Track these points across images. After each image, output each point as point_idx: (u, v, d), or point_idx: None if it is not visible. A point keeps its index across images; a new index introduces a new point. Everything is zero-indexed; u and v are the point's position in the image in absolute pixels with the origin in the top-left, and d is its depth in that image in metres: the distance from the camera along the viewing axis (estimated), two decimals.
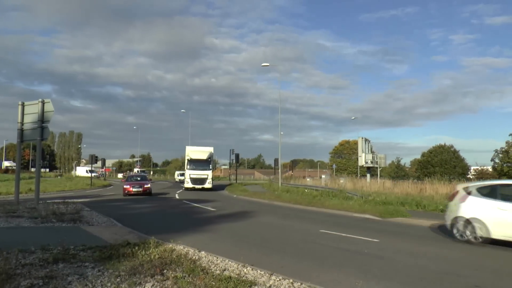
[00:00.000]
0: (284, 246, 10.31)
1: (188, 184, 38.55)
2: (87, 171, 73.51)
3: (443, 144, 74.07)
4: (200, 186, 38.07)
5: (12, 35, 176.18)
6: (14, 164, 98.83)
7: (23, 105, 17.54)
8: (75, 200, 20.01)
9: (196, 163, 38.77)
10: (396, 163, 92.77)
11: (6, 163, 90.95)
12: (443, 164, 68.57)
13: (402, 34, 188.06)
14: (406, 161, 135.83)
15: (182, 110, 73.79)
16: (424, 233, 13.66)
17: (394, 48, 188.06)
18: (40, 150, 17.86)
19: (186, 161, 39.85)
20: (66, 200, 18.81)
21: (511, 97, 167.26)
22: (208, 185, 38.40)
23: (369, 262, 8.53)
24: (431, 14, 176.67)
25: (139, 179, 33.62)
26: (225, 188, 43.40)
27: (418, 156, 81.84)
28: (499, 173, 53.48)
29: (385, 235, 12.41)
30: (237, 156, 55.78)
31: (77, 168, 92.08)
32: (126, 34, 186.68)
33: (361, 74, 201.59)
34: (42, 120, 16.77)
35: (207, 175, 38.73)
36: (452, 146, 73.10)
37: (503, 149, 54.49)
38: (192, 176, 38.57)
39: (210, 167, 39.53)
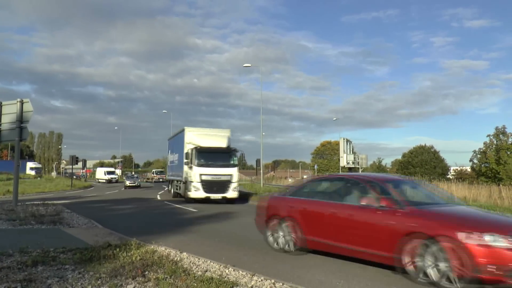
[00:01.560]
0: (266, 246, 10.33)
1: (198, 192, 23.25)
2: (105, 173, 72.71)
3: (423, 144, 75.24)
4: (219, 196, 23.48)
5: None
6: (39, 164, 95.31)
7: (0, 105, 17.24)
8: (55, 202, 19.76)
9: (211, 156, 23.98)
10: (377, 164, 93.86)
11: (31, 164, 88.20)
12: (424, 164, 69.59)
13: (383, 36, 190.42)
14: (387, 161, 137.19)
15: (163, 111, 73.12)
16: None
17: (375, 49, 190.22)
18: (19, 151, 17.58)
19: (189, 152, 23.90)
20: (46, 202, 18.56)
21: (489, 99, 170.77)
22: (232, 193, 23.89)
23: (350, 262, 8.60)
24: (412, 16, 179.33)
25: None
26: None
27: (399, 157, 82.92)
28: (477, 173, 54.52)
29: None
30: None
31: (97, 169, 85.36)
32: (108, 34, 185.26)
33: (343, 75, 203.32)
34: (21, 120, 16.50)
35: (231, 175, 24.01)
36: (432, 147, 74.31)
37: (481, 150, 55.49)
38: (206, 178, 23.21)
39: (235, 162, 24.67)
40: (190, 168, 23.68)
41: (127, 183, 50.00)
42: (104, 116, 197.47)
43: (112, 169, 78.44)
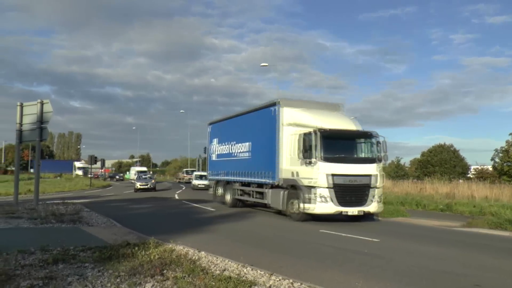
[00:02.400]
0: (283, 246, 10.31)
1: (325, 205, 14.84)
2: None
3: (442, 143, 74.12)
4: (355, 210, 15.18)
5: (11, 36, 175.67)
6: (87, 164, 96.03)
7: (22, 106, 17.50)
8: (74, 201, 19.99)
9: (340, 145, 16.15)
10: (395, 163, 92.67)
11: (78, 164, 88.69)
12: (443, 163, 68.54)
13: (401, 33, 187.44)
14: (405, 160, 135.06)
15: (181, 111, 73.99)
16: (424, 232, 13.66)
17: (393, 47, 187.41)
18: (39, 151, 17.84)
19: (305, 139, 15.43)
20: (66, 201, 18.78)
21: (511, 97, 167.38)
22: (376, 205, 15.49)
23: (369, 262, 8.53)
24: (431, 13, 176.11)
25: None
26: None
27: (418, 156, 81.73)
28: (499, 172, 53.51)
29: (384, 235, 12.41)
30: None
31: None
32: (125, 35, 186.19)
33: (360, 74, 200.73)
34: (41, 120, 16.73)
35: (373, 175, 15.58)
36: (452, 146, 73.09)
37: (503, 148, 54.42)
38: (339, 180, 15.01)
39: (376, 155, 16.04)
40: (310, 164, 14.83)
41: (138, 185, 39.68)
42: (122, 116, 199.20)
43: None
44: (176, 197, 29.99)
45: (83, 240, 9.03)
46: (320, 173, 14.64)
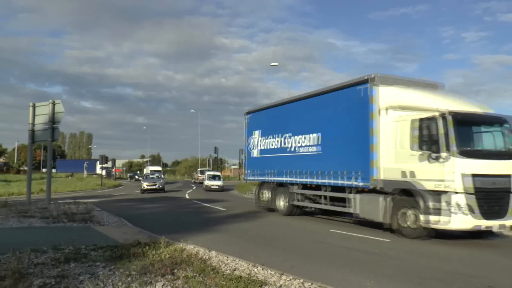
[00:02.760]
0: (294, 245, 10.29)
1: (463, 218, 10.62)
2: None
3: None
4: (497, 223, 11.02)
5: (23, 37, 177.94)
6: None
7: (34, 106, 17.69)
8: (85, 200, 20.12)
9: (474, 134, 12.53)
10: None
11: (151, 168, 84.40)
12: None
13: (413, 32, 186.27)
14: None
15: (191, 110, 74.47)
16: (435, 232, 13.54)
17: (404, 46, 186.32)
18: (51, 151, 18.00)
19: (411, 126, 12.04)
20: (77, 200, 18.90)
21: None
22: None
23: (380, 262, 8.49)
24: (443, 11, 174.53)
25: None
26: (235, 187, 43.37)
27: None
28: None
29: (395, 235, 12.32)
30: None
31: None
32: (136, 35, 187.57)
33: (371, 73, 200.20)
34: (53, 121, 16.89)
35: None
36: None
37: None
38: (482, 183, 10.91)
39: None
40: (436, 160, 11.22)
41: (145, 185, 35.41)
42: (132, 116, 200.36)
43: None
44: (187, 196, 30.08)
45: (94, 239, 9.10)
46: (455, 173, 10.74)
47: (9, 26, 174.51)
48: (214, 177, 40.38)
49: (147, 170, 68.18)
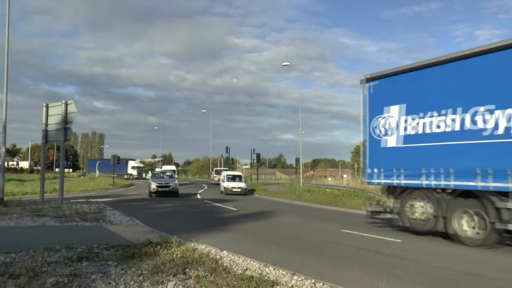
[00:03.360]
0: (305, 246, 10.26)
1: None
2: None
3: None
4: None
5: (37, 38, 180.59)
6: (141, 164, 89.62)
7: (47, 106, 17.87)
8: (97, 200, 20.29)
9: None
10: None
11: (132, 163, 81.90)
12: None
13: (425, 30, 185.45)
14: None
15: (203, 110, 74.21)
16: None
17: (417, 45, 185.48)
18: (64, 151, 18.17)
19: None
20: (89, 200, 19.08)
21: None
22: None
23: (391, 263, 8.43)
24: (456, 9, 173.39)
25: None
26: (255, 191, 43.07)
27: None
28: None
29: (407, 236, 12.23)
30: (258, 155, 55.73)
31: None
32: (147, 35, 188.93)
33: None
34: (66, 121, 17.06)
35: None
36: None
37: None
38: None
39: None
40: None
41: (154, 185, 29.40)
42: (144, 116, 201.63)
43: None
44: (198, 196, 30.17)
45: (106, 239, 9.16)
46: None
47: (24, 28, 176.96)
48: (234, 178, 35.10)
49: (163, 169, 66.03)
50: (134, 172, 77.72)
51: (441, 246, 10.68)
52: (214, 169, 58.42)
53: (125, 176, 74.64)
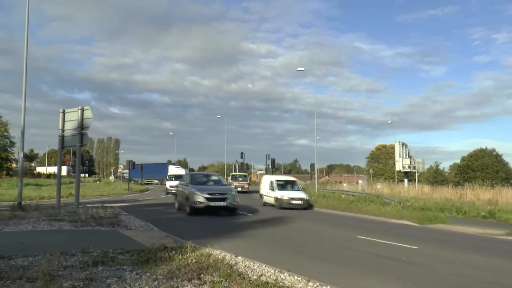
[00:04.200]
0: (320, 252, 10.19)
1: None
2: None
3: (484, 147, 71.96)
4: None
5: (55, 45, 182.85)
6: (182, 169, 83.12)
7: (64, 112, 18.06)
8: (113, 205, 20.40)
9: None
10: (434, 168, 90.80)
11: (173, 168, 73.89)
12: (485, 168, 66.50)
13: (441, 34, 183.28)
14: (445, 165, 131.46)
15: (218, 116, 74.79)
16: (465, 240, 13.24)
17: (432, 49, 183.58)
18: (80, 156, 18.34)
19: None
20: (105, 205, 19.20)
21: None
22: None
23: (408, 270, 8.33)
24: (473, 13, 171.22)
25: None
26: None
27: (458, 161, 79.72)
28: None
29: (424, 242, 12.09)
30: (273, 161, 55.63)
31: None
32: (163, 41, 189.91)
33: (398, 76, 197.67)
34: (82, 126, 17.21)
35: None
36: (494, 150, 70.92)
37: None
38: None
39: None
40: None
41: (199, 197, 18.14)
42: (159, 121, 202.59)
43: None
44: None
45: (121, 243, 9.20)
46: None
47: (42, 35, 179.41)
48: (287, 185, 25.76)
49: (170, 170, 61.93)
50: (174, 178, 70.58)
51: (458, 254, 10.52)
52: (231, 174, 51.17)
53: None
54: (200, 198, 18.07)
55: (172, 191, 35.83)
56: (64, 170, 65.10)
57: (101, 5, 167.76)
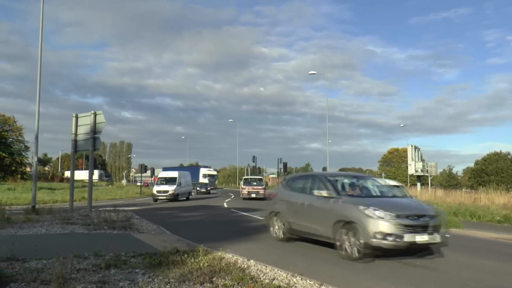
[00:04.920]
0: (333, 256, 10.11)
1: None
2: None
3: (498, 151, 71.15)
4: None
5: (68, 50, 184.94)
6: (214, 171, 76.02)
7: (76, 117, 18.26)
8: (125, 208, 20.49)
9: None
10: (447, 172, 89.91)
11: (204, 170, 72.30)
12: (499, 172, 65.73)
13: (454, 36, 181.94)
14: (458, 169, 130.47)
15: (230, 120, 74.71)
16: (479, 245, 13.07)
17: (446, 51, 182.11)
18: (92, 160, 18.48)
19: None
20: (117, 208, 19.28)
21: None
22: None
23: (421, 274, 8.23)
24: (487, 14, 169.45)
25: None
26: None
27: (471, 164, 79.05)
28: None
29: (437, 246, 11.94)
30: (285, 165, 55.55)
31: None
32: (175, 46, 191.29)
33: (411, 79, 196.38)
34: (94, 131, 17.38)
35: None
36: (509, 153, 70.10)
37: None
38: None
39: None
40: None
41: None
42: (171, 125, 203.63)
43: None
44: (225, 205, 30.22)
45: (133, 247, 9.23)
46: None
47: (56, 40, 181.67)
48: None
49: (201, 172, 60.23)
50: (205, 180, 66.12)
51: (473, 258, 10.38)
52: (243, 178, 45.37)
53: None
54: (390, 226, 8.91)
55: (161, 198, 32.76)
56: (96, 174, 61.95)
57: (114, 11, 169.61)
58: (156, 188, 33.95)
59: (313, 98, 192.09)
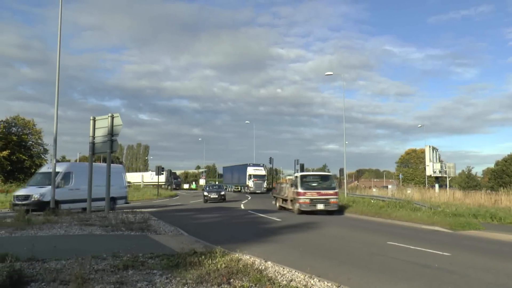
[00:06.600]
0: (350, 257, 10.04)
1: None
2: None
3: None
4: None
5: (86, 54, 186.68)
6: (263, 171, 62.06)
7: (94, 120, 18.45)
8: (143, 210, 20.66)
9: None
10: (466, 173, 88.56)
11: (251, 170, 59.03)
12: None
13: (474, 35, 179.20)
14: (478, 170, 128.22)
15: (247, 121, 74.99)
16: (501, 247, 12.84)
17: (465, 50, 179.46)
18: (110, 162, 18.63)
19: None
20: (135, 210, 19.47)
21: None
22: None
23: (440, 277, 8.10)
24: (508, 11, 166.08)
25: None
26: None
27: (492, 165, 77.75)
28: None
29: (456, 249, 11.78)
30: (302, 166, 55.24)
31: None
32: (192, 48, 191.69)
33: (429, 79, 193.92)
34: (112, 133, 17.54)
35: None
36: None
37: None
38: None
39: None
40: None
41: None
42: (188, 128, 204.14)
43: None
44: (242, 207, 30.23)
45: (151, 248, 9.28)
46: None
47: (75, 44, 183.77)
48: None
49: (248, 171, 54.76)
50: (251, 184, 57.22)
51: (494, 261, 10.19)
52: (296, 174, 32.73)
53: (245, 189, 58.48)
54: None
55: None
56: (162, 177, 59.05)
57: (131, 14, 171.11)
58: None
59: (330, 99, 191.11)
